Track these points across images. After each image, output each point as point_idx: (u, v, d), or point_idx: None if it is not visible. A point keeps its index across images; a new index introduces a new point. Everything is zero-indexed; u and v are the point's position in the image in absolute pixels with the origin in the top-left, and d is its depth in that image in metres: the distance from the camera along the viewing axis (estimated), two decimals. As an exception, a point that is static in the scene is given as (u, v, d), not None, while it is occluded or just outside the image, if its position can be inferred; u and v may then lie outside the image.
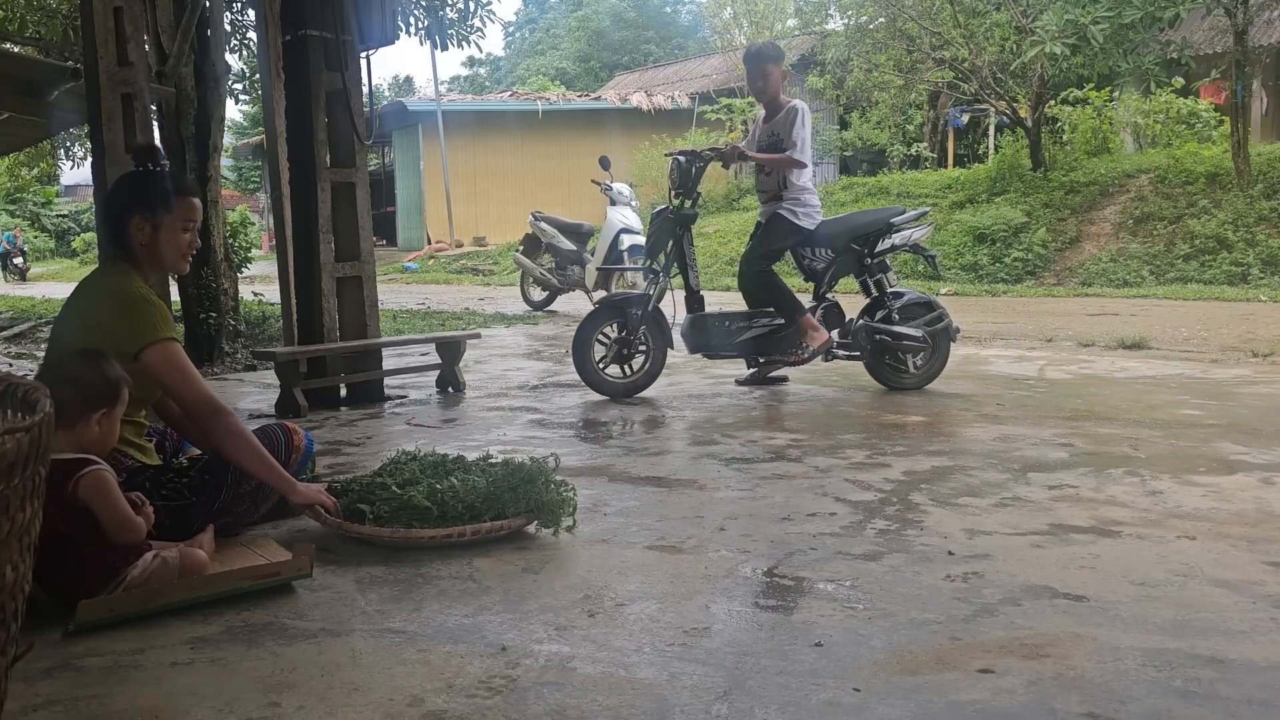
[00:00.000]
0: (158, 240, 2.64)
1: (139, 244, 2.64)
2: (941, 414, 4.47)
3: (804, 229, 4.88)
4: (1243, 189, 11.50)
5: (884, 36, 16.17)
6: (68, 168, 16.24)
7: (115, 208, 2.67)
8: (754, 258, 4.99)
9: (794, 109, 4.82)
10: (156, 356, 2.49)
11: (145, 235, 2.63)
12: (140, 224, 2.62)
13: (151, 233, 2.63)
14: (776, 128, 4.87)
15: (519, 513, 2.65)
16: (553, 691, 1.77)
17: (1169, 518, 2.78)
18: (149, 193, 2.65)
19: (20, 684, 1.77)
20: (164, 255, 2.67)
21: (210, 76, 6.81)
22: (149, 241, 2.64)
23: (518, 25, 46.25)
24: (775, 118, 4.89)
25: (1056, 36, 10.97)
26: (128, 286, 2.58)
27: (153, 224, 2.63)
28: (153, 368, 2.50)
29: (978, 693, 1.74)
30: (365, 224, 5.19)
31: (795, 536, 2.67)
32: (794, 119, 4.78)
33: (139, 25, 4.03)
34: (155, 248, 2.65)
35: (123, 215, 2.63)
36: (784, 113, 4.85)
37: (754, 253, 5.01)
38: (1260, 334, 6.91)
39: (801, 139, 4.77)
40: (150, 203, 2.63)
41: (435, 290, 15.14)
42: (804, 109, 4.85)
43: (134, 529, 2.19)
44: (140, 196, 2.64)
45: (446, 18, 8.72)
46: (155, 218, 2.63)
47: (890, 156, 19.73)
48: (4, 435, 1.30)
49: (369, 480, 2.79)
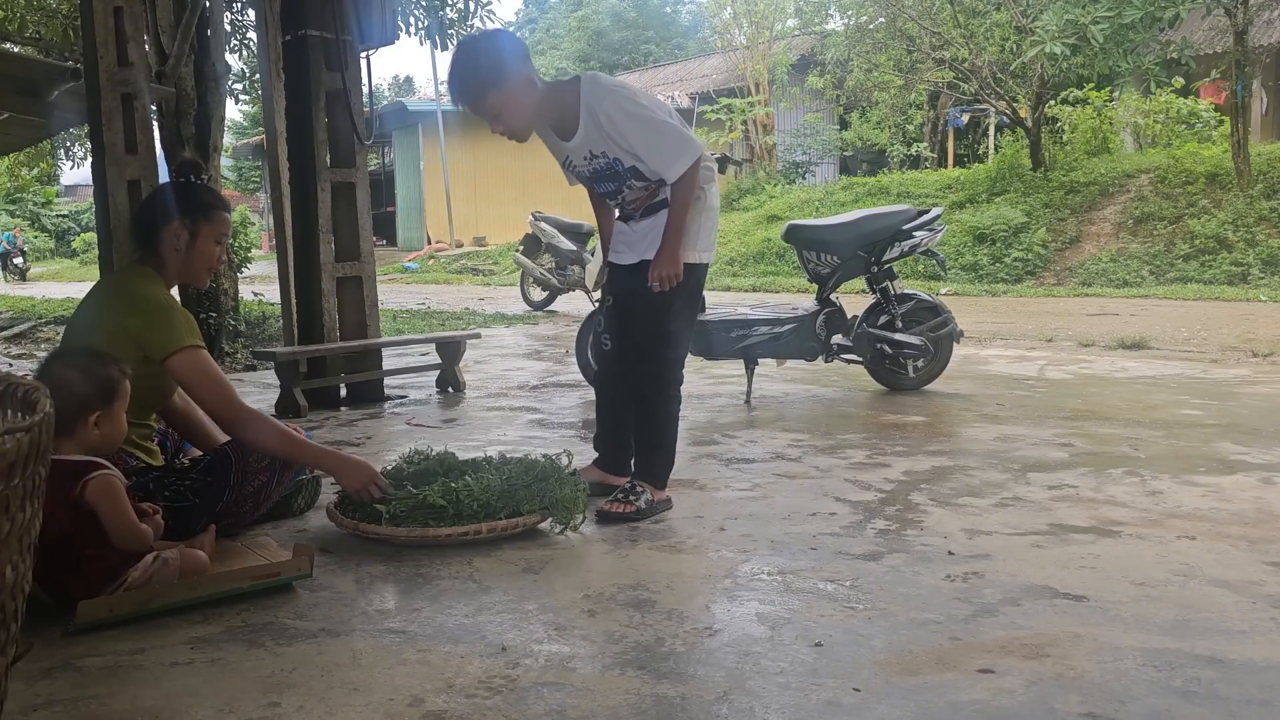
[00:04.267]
0: (192, 249, 2.69)
1: (171, 250, 2.67)
2: (941, 414, 4.47)
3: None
4: (1243, 189, 11.51)
5: (884, 36, 16.18)
6: (68, 168, 16.24)
7: (154, 212, 2.72)
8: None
9: (604, 110, 2.71)
10: (185, 363, 2.52)
11: (181, 242, 2.67)
12: (178, 230, 2.66)
13: (188, 241, 2.68)
14: (594, 144, 2.80)
15: (534, 510, 2.66)
16: (553, 691, 1.77)
17: (1169, 518, 2.78)
18: (191, 202, 2.71)
19: (20, 684, 1.77)
20: (193, 265, 2.72)
21: (210, 76, 6.80)
22: (182, 249, 2.68)
23: (518, 25, 46.25)
24: (579, 132, 2.79)
25: (1056, 36, 10.98)
26: (154, 292, 2.61)
27: (191, 232, 2.68)
28: (181, 375, 2.53)
29: (978, 693, 1.74)
30: (365, 224, 5.19)
31: (795, 536, 2.67)
32: (619, 119, 2.71)
33: (139, 25, 4.02)
34: (187, 256, 2.69)
35: (161, 220, 2.67)
36: (590, 117, 2.74)
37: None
38: (1260, 334, 6.91)
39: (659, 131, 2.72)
40: (192, 211, 2.69)
41: (435, 290, 15.14)
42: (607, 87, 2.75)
43: (138, 537, 2.18)
44: (183, 204, 2.70)
45: (446, 18, 8.71)
46: (194, 226, 2.68)
47: (890, 156, 19.74)
48: (4, 435, 1.30)
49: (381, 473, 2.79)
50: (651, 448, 2.96)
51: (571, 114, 2.77)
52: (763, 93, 20.92)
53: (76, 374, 2.22)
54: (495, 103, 2.72)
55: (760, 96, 20.78)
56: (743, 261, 14.89)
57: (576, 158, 2.87)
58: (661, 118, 2.73)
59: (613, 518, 2.79)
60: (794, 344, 4.89)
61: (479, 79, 2.71)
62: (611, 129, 2.72)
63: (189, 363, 2.52)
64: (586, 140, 2.79)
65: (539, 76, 2.81)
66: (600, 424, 3.18)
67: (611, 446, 3.11)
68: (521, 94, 2.73)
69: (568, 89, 2.78)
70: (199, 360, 2.54)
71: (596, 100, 2.71)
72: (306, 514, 2.99)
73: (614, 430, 3.12)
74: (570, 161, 2.91)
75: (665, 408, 2.93)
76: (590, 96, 2.72)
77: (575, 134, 2.79)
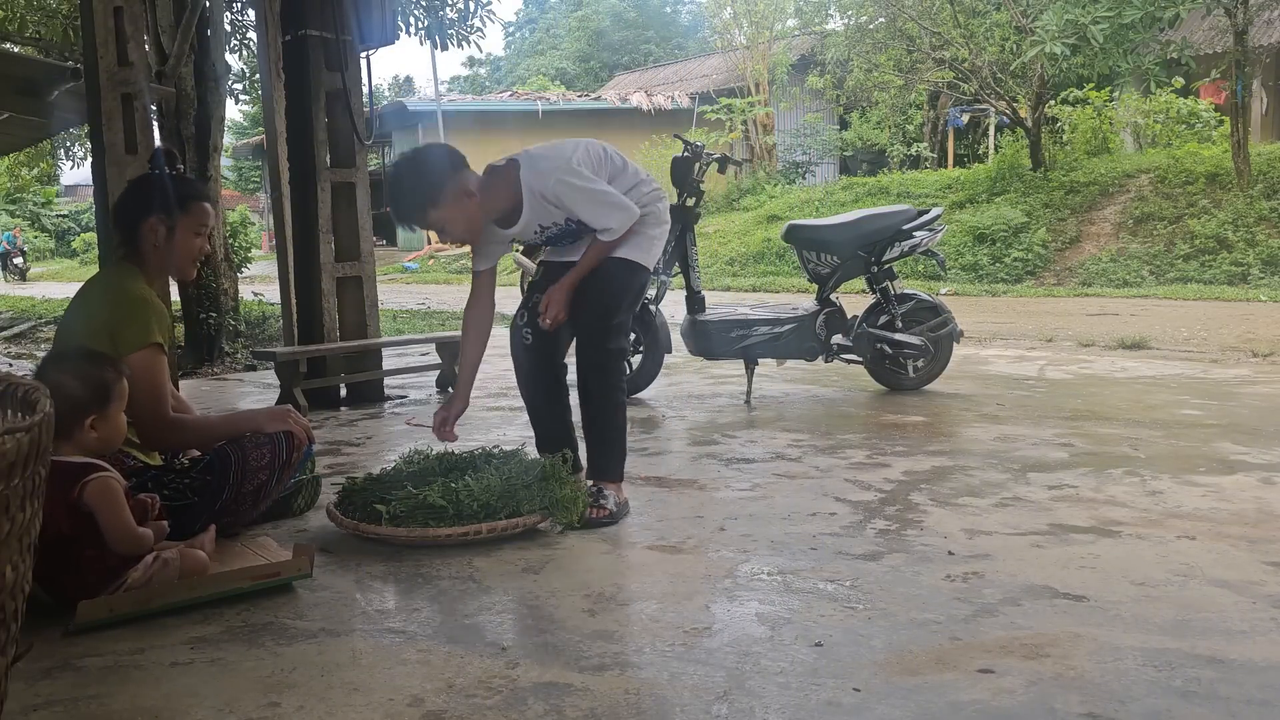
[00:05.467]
0: (171, 243, 2.64)
1: (151, 246, 2.63)
2: (941, 414, 4.46)
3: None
4: (1243, 189, 11.50)
5: (884, 36, 16.18)
6: (68, 168, 16.25)
7: (130, 208, 2.67)
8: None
9: (550, 190, 2.81)
10: (141, 361, 2.48)
11: (159, 237, 2.62)
12: (155, 226, 2.62)
13: (165, 235, 2.63)
14: (541, 219, 2.90)
15: (534, 510, 2.66)
16: (553, 691, 1.77)
17: (1169, 518, 2.78)
18: (166, 195, 2.65)
19: (20, 684, 1.77)
20: (175, 259, 2.67)
21: (210, 76, 6.81)
22: (161, 244, 2.63)
23: (518, 25, 46.23)
24: (523, 216, 2.88)
25: (1056, 36, 10.97)
26: (131, 287, 2.58)
27: (168, 226, 2.62)
28: (133, 370, 2.47)
29: (978, 693, 1.74)
30: (365, 224, 5.19)
31: (795, 536, 2.67)
32: (565, 194, 2.80)
33: (139, 25, 4.03)
34: (167, 251, 2.64)
35: (137, 216, 2.63)
36: (534, 198, 2.84)
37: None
38: (1260, 334, 6.91)
39: (601, 202, 2.83)
40: (167, 205, 2.63)
41: (435, 290, 15.14)
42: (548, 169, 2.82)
43: (135, 541, 2.17)
44: (157, 198, 2.64)
45: (446, 18, 8.71)
46: (171, 220, 2.63)
47: (890, 156, 19.74)
48: (4, 435, 1.30)
49: (381, 474, 2.79)
50: (604, 443, 2.97)
51: (513, 203, 2.87)
52: (763, 93, 20.93)
53: (70, 378, 2.20)
54: (436, 219, 2.81)
55: (760, 96, 20.78)
56: (743, 261, 14.89)
57: (524, 236, 2.99)
58: (602, 187, 2.85)
59: (589, 523, 2.78)
60: (794, 344, 4.88)
61: (415, 201, 2.80)
62: (559, 203, 2.84)
63: (144, 361, 2.48)
64: (534, 218, 2.89)
65: (474, 176, 2.85)
66: (538, 426, 3.19)
67: (556, 443, 3.07)
68: (460, 205, 2.80)
69: (506, 176, 2.86)
70: (153, 361, 2.50)
71: (540, 183, 2.82)
72: (306, 514, 3.00)
73: (552, 427, 3.15)
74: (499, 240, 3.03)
75: (613, 398, 2.95)
76: (533, 180, 2.83)
77: (518, 221, 2.90)
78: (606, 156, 2.95)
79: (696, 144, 5.00)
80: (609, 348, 2.92)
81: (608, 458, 2.96)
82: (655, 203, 3.01)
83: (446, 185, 2.77)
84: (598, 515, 2.81)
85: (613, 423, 2.96)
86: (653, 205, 2.99)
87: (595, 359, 2.91)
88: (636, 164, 3.07)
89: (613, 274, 2.91)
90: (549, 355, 3.06)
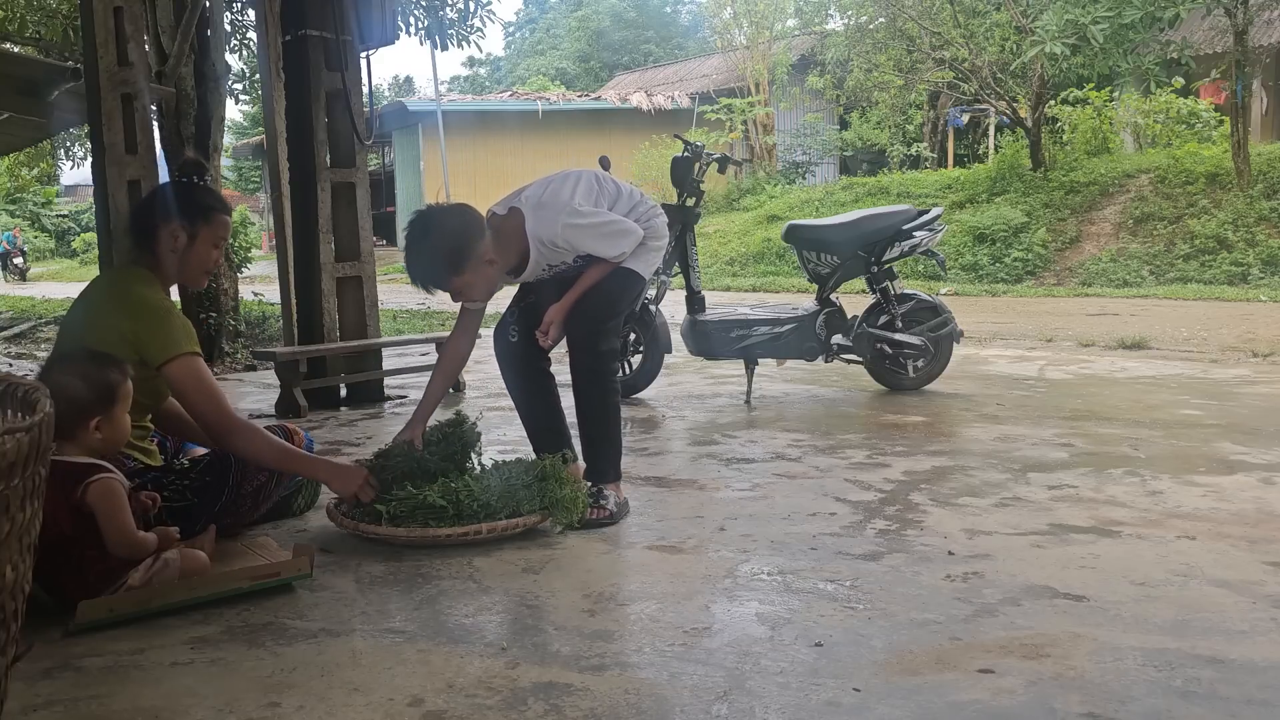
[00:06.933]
0: (190, 252, 2.65)
1: (168, 251, 2.64)
2: (941, 414, 4.47)
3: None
4: (1243, 189, 11.51)
5: (884, 36, 16.19)
6: (68, 168, 16.24)
7: (152, 212, 2.68)
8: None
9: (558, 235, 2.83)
10: (181, 371, 2.49)
11: (179, 244, 2.63)
12: (176, 232, 2.63)
13: (186, 243, 2.64)
14: (550, 260, 2.92)
15: (534, 510, 2.66)
16: (552, 691, 1.77)
17: (1169, 518, 2.78)
18: (191, 203, 2.68)
19: (20, 684, 1.77)
20: (190, 267, 2.68)
21: (210, 76, 6.80)
22: (180, 251, 2.64)
23: (518, 25, 46.24)
24: (531, 261, 2.90)
25: (1056, 36, 10.97)
26: (152, 296, 2.58)
27: (189, 234, 2.64)
28: (177, 382, 2.50)
29: (978, 693, 1.74)
30: (365, 224, 5.19)
31: (795, 536, 2.67)
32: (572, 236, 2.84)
33: (139, 25, 4.03)
34: (184, 258, 2.66)
35: (159, 221, 2.64)
36: (541, 245, 2.86)
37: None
38: (1260, 334, 6.91)
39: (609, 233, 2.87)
40: (191, 213, 2.65)
41: (435, 290, 15.11)
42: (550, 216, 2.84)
43: (134, 545, 2.17)
44: (182, 205, 2.66)
45: (446, 18, 8.71)
46: (193, 229, 2.64)
47: (890, 156, 19.74)
48: (4, 435, 1.30)
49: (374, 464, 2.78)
50: (600, 445, 2.96)
51: (522, 256, 2.88)
52: (763, 93, 20.93)
53: (76, 380, 2.20)
54: (458, 284, 2.82)
55: (760, 96, 20.78)
56: (743, 261, 14.89)
57: (530, 277, 2.99)
58: (606, 217, 2.88)
59: (589, 524, 2.78)
60: (794, 344, 4.88)
61: (438, 270, 2.79)
62: (567, 245, 2.86)
63: (185, 370, 2.49)
64: (542, 261, 2.91)
65: (490, 237, 2.82)
66: (528, 421, 3.19)
67: (549, 442, 3.07)
68: (482, 270, 2.81)
69: (513, 231, 2.86)
70: (195, 368, 2.51)
71: (548, 231, 2.83)
72: (306, 514, 3.00)
73: (543, 417, 3.15)
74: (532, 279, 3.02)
75: (607, 399, 2.95)
76: (539, 229, 2.84)
77: (526, 267, 2.91)
78: (600, 186, 2.97)
79: (697, 144, 5.00)
80: (601, 350, 2.92)
81: (605, 460, 2.97)
82: (654, 219, 3.06)
83: (470, 256, 2.76)
84: (598, 515, 2.81)
85: (608, 424, 2.97)
86: (652, 221, 3.04)
87: (588, 362, 2.91)
88: (629, 184, 3.11)
89: (610, 282, 2.93)
90: (535, 351, 3.07)
